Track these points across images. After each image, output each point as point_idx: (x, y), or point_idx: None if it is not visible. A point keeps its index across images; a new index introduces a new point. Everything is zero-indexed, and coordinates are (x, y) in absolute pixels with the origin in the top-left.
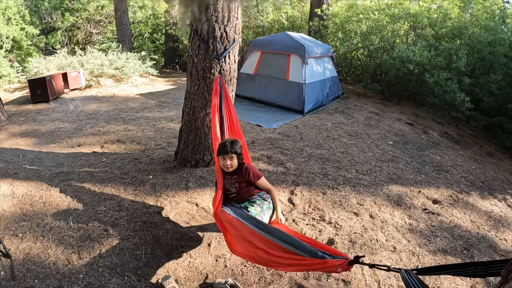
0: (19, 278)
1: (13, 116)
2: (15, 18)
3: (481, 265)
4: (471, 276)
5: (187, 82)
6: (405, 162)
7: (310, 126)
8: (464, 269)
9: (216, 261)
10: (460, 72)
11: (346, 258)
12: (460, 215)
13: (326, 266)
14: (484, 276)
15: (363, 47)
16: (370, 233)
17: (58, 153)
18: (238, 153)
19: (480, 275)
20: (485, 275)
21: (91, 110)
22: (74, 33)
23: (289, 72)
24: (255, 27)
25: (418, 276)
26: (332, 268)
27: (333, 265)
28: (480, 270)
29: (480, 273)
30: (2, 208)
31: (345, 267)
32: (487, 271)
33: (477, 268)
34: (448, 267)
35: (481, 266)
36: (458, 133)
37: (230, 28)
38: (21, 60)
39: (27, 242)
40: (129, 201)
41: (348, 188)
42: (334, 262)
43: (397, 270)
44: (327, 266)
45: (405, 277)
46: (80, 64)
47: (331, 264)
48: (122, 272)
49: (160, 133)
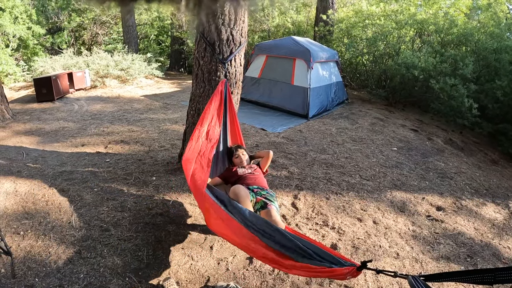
0: (19, 276)
1: (18, 114)
2: (22, 17)
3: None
4: (479, 283)
5: (193, 85)
6: (409, 168)
7: (314, 130)
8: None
9: (218, 264)
10: (466, 78)
11: (354, 264)
12: (463, 222)
13: (334, 274)
14: (492, 283)
15: (368, 52)
16: (373, 239)
17: (61, 152)
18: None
19: (487, 283)
20: (492, 282)
21: (96, 110)
22: (81, 34)
23: (294, 76)
24: (260, 31)
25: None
26: (341, 276)
27: (342, 273)
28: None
29: (487, 280)
30: (4, 206)
31: (354, 273)
32: (495, 278)
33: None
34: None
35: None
36: (463, 140)
37: (236, 31)
38: (27, 59)
39: (29, 240)
40: (132, 202)
41: (351, 194)
42: (343, 270)
43: (404, 276)
44: (335, 274)
45: (412, 284)
46: (86, 64)
47: (340, 272)
48: (123, 273)
49: (164, 134)
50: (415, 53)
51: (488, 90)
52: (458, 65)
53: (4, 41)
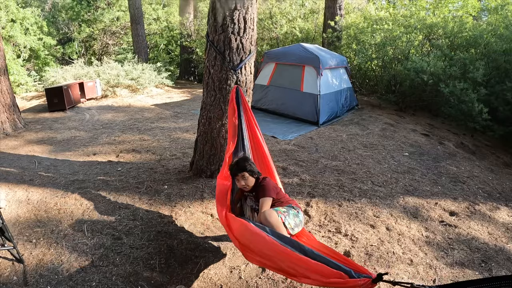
0: (31, 284)
1: (29, 124)
2: (32, 28)
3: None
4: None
5: (203, 93)
6: (421, 173)
7: (325, 137)
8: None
9: (231, 273)
10: (476, 82)
11: (370, 276)
12: (477, 227)
13: (348, 286)
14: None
15: (377, 58)
16: (387, 246)
17: (73, 161)
18: (249, 169)
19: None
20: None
21: (107, 119)
22: (91, 44)
23: (304, 83)
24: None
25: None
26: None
27: (356, 284)
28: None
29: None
30: (17, 214)
31: (369, 286)
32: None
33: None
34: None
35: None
36: (474, 144)
37: (246, 39)
38: (38, 69)
39: (41, 248)
40: (144, 211)
41: (364, 200)
42: (357, 281)
43: (422, 287)
44: (349, 286)
45: None
46: (97, 74)
47: (354, 284)
48: (135, 281)
49: (175, 143)
50: (424, 57)
51: (498, 93)
52: (468, 68)
53: (15, 51)
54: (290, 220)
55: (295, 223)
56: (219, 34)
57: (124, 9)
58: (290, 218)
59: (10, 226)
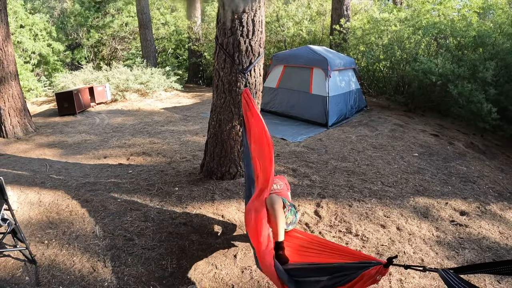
0: (43, 284)
1: (40, 128)
2: (41, 34)
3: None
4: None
5: (213, 96)
6: (431, 173)
7: (334, 139)
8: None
9: (242, 273)
10: (486, 82)
11: (380, 262)
12: (488, 226)
13: (364, 279)
14: None
15: (385, 59)
16: (398, 246)
17: (84, 164)
18: None
19: None
20: None
21: (117, 123)
22: (100, 49)
23: (312, 85)
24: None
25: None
26: (371, 279)
27: (370, 275)
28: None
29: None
30: (29, 215)
31: (382, 271)
32: None
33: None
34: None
35: None
36: (484, 143)
37: (255, 41)
38: (48, 75)
39: (53, 249)
40: (155, 212)
41: (374, 201)
42: (370, 271)
43: (434, 270)
44: (365, 279)
45: (444, 276)
46: (106, 79)
47: (368, 276)
48: (147, 282)
49: (185, 146)
50: (432, 58)
51: (508, 92)
52: (478, 68)
53: (24, 57)
54: (289, 215)
55: (291, 220)
56: (228, 37)
57: (133, 15)
58: (291, 214)
59: (22, 228)
